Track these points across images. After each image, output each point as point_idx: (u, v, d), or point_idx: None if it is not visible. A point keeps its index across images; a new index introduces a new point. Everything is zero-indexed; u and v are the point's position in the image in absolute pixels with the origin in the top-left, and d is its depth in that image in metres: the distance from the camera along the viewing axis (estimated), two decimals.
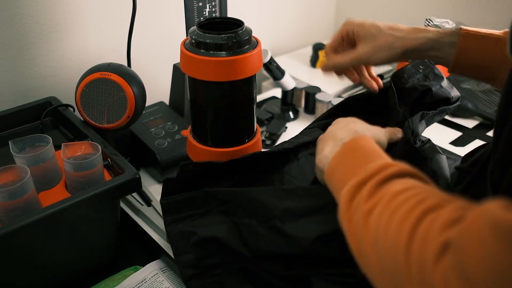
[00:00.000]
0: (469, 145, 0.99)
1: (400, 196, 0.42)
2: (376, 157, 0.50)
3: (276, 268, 0.62)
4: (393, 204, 0.41)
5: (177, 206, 0.67)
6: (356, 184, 0.46)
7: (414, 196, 0.41)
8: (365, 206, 0.44)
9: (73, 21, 0.95)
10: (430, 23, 1.11)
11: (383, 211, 0.42)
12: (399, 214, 0.40)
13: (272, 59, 0.99)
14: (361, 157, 0.51)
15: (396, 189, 0.43)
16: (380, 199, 0.43)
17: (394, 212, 0.41)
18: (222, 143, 0.74)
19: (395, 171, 0.46)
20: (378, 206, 0.43)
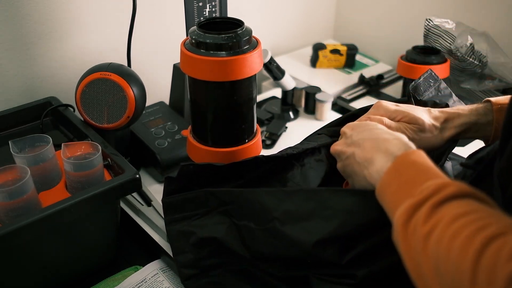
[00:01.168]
0: (469, 145, 0.99)
1: (460, 219, 0.41)
2: (432, 175, 0.48)
3: (275, 269, 0.62)
4: (453, 228, 0.40)
5: (177, 206, 0.67)
6: (413, 206, 0.45)
7: (475, 221, 0.40)
8: (423, 229, 0.42)
9: (73, 21, 0.95)
10: (430, 23, 1.11)
11: (443, 235, 0.40)
12: (461, 239, 0.39)
13: (272, 59, 0.99)
14: (416, 174, 0.49)
15: (454, 212, 0.42)
16: (438, 222, 0.42)
17: (455, 237, 0.39)
18: (222, 143, 0.74)
19: (453, 191, 0.44)
20: (436, 229, 0.41)
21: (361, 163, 0.56)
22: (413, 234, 0.44)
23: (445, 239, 0.40)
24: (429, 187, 0.45)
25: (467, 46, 1.07)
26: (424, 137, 0.64)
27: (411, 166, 0.50)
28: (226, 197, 0.64)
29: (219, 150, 0.74)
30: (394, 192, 0.49)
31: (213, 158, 0.74)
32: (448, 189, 0.44)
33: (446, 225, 0.41)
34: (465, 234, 0.39)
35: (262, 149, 0.81)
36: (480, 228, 0.39)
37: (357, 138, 0.59)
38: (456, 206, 0.42)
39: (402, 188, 0.49)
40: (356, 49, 1.32)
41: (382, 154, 0.54)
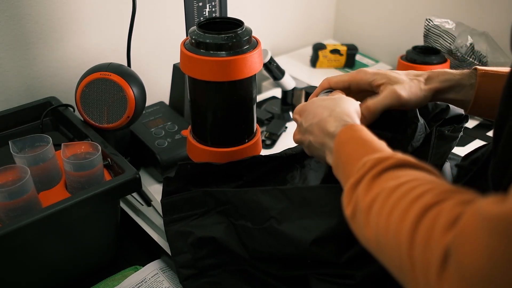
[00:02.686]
0: (469, 145, 0.99)
1: (398, 190, 0.41)
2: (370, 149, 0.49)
3: (273, 269, 0.62)
4: (391, 200, 0.41)
5: (176, 206, 0.67)
6: (353, 184, 0.46)
7: (411, 190, 0.40)
8: (364, 203, 0.43)
9: (73, 21, 0.95)
10: (430, 23, 1.11)
11: (381, 208, 0.41)
12: (399, 211, 0.39)
13: (272, 59, 0.99)
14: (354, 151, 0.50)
15: (392, 183, 0.42)
16: (378, 194, 0.42)
17: (393, 208, 0.40)
18: (222, 143, 0.74)
19: (390, 163, 0.45)
20: (376, 202, 0.42)
21: (320, 149, 0.57)
22: (356, 211, 0.44)
23: (383, 212, 0.40)
24: (367, 162, 0.46)
25: (467, 46, 1.07)
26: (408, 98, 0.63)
27: (348, 143, 0.51)
28: (223, 197, 0.65)
29: (219, 150, 0.74)
30: (341, 173, 0.51)
31: (213, 158, 0.74)
32: (386, 162, 0.45)
33: (384, 198, 0.41)
34: (402, 205, 0.39)
35: (262, 149, 0.81)
36: (417, 196, 0.39)
37: (306, 125, 0.59)
38: (393, 176, 0.43)
39: (345, 166, 0.50)
40: (356, 49, 1.32)
41: (327, 137, 0.55)
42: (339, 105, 0.58)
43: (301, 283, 0.61)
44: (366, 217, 0.43)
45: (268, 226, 0.60)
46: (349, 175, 0.48)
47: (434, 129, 0.70)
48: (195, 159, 0.77)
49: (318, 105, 0.59)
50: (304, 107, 0.62)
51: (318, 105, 0.59)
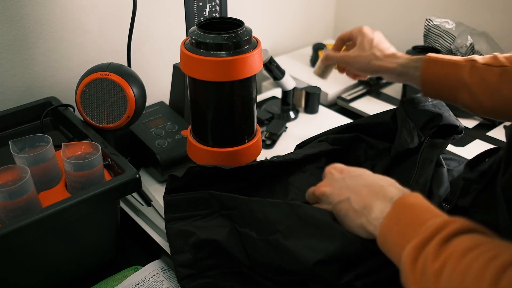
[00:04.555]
0: (469, 145, 0.99)
1: (471, 253, 0.40)
2: (432, 214, 0.48)
3: (272, 273, 0.62)
4: (465, 261, 0.40)
5: (179, 205, 0.67)
6: (419, 244, 0.44)
7: (485, 252, 0.40)
8: (433, 267, 0.42)
9: (73, 21, 0.95)
10: (430, 23, 1.11)
11: (454, 270, 0.40)
12: (474, 270, 0.39)
13: (272, 59, 0.99)
14: (417, 216, 0.49)
15: (463, 246, 0.41)
16: (448, 257, 0.41)
17: (468, 270, 0.39)
18: (222, 143, 0.74)
19: (458, 227, 0.44)
20: (447, 265, 0.41)
21: (358, 211, 0.55)
22: (423, 272, 0.43)
23: (457, 273, 0.39)
24: (433, 224, 0.45)
25: (467, 46, 1.07)
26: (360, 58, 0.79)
27: (411, 208, 0.50)
28: (229, 202, 0.64)
29: (219, 150, 0.74)
30: (397, 235, 0.49)
31: (213, 158, 0.74)
32: (453, 225, 0.44)
33: (457, 259, 0.40)
34: (478, 266, 0.39)
35: (262, 149, 0.81)
36: (492, 258, 0.39)
37: (351, 183, 0.57)
38: (463, 240, 0.42)
39: (405, 230, 0.48)
40: None
41: (380, 201, 0.53)
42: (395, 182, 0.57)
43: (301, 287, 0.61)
44: (436, 280, 0.41)
45: (273, 239, 0.59)
46: (411, 236, 0.46)
47: (427, 137, 0.71)
48: (195, 159, 0.77)
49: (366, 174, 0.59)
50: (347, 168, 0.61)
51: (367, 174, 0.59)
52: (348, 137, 0.78)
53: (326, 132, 0.81)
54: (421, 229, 0.46)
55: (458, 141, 1.00)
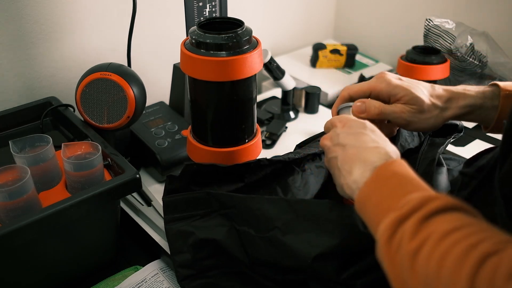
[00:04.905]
0: (469, 145, 0.99)
1: (451, 236, 0.38)
2: (415, 187, 0.46)
3: (272, 272, 0.62)
4: (444, 245, 0.38)
5: (178, 205, 0.67)
6: (396, 220, 0.42)
7: (467, 237, 0.38)
8: (410, 246, 0.40)
9: (73, 21, 0.95)
10: (430, 23, 1.11)
11: (432, 252, 0.38)
12: (453, 257, 0.37)
13: (272, 59, 0.99)
14: (397, 186, 0.47)
15: (444, 227, 0.39)
16: (427, 238, 0.39)
17: (447, 254, 0.37)
18: (222, 143, 0.74)
19: (440, 205, 0.41)
20: (425, 246, 0.39)
21: (341, 170, 0.54)
22: (398, 250, 0.41)
23: (435, 256, 0.38)
24: (413, 199, 0.43)
25: (467, 46, 1.07)
26: (423, 117, 0.63)
27: (392, 177, 0.48)
28: (227, 201, 0.64)
29: (219, 150, 0.74)
30: (375, 205, 0.47)
31: (213, 158, 0.74)
32: (435, 202, 0.42)
33: (436, 242, 0.39)
34: (458, 252, 0.37)
35: (262, 149, 0.81)
36: (473, 244, 0.37)
37: (343, 140, 0.56)
38: (444, 220, 0.40)
39: (384, 200, 0.46)
40: (356, 49, 1.32)
41: (360, 164, 0.52)
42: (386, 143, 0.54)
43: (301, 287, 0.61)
44: (412, 260, 0.39)
45: (272, 236, 0.59)
46: (389, 209, 0.44)
47: (427, 137, 0.71)
48: (195, 159, 0.77)
49: (363, 131, 0.56)
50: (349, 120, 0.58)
51: (364, 131, 0.56)
52: None
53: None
54: (400, 202, 0.44)
55: (458, 141, 1.00)
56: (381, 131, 0.58)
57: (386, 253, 0.43)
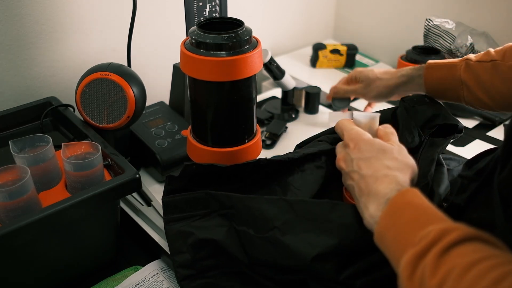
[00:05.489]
0: (469, 145, 0.99)
1: (474, 269, 0.37)
2: (431, 217, 0.46)
3: (272, 272, 0.62)
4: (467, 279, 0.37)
5: (177, 205, 0.67)
6: (416, 255, 0.42)
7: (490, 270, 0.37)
8: (432, 282, 0.39)
9: (73, 21, 0.95)
10: (430, 23, 1.11)
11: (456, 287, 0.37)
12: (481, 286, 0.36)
13: (272, 59, 0.99)
14: (413, 219, 0.47)
15: (465, 261, 0.39)
16: (448, 273, 0.39)
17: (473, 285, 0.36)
18: (222, 143, 0.74)
19: (458, 236, 0.41)
20: (448, 281, 0.38)
21: (359, 201, 0.55)
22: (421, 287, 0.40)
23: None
24: (431, 232, 0.43)
25: (467, 46, 1.07)
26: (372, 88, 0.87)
27: (406, 209, 0.48)
28: (226, 201, 0.64)
29: (219, 150, 0.74)
30: (393, 238, 0.47)
31: (213, 158, 0.74)
32: (453, 234, 0.41)
33: (458, 276, 0.38)
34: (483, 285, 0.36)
35: (262, 149, 0.81)
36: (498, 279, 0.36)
37: (356, 167, 0.57)
38: (464, 252, 0.40)
39: (401, 233, 0.46)
40: (356, 49, 1.32)
41: (374, 198, 0.52)
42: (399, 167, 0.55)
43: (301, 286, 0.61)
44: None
45: (271, 236, 0.59)
46: (408, 244, 0.44)
47: (427, 136, 0.71)
48: (195, 159, 0.77)
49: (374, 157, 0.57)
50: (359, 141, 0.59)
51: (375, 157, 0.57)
52: None
53: (326, 131, 0.81)
54: (417, 236, 0.44)
55: (458, 141, 1.00)
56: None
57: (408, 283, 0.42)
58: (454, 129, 0.74)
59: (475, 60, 0.73)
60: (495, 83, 0.70)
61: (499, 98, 0.71)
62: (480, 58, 0.73)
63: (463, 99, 0.75)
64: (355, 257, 0.56)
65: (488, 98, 0.72)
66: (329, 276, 0.57)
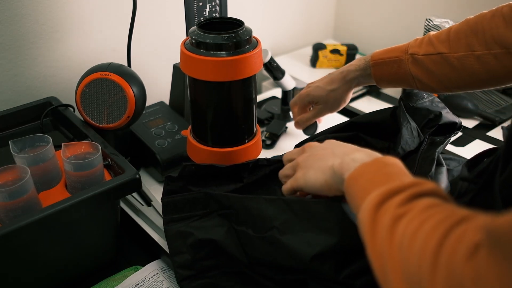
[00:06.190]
0: (469, 145, 0.99)
1: (433, 208, 0.41)
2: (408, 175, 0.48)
3: (271, 272, 0.62)
4: (425, 214, 0.40)
5: (177, 206, 0.67)
6: (389, 191, 0.44)
7: (446, 210, 0.40)
8: (395, 212, 0.42)
9: (73, 21, 0.95)
10: (430, 23, 1.11)
11: (413, 218, 0.40)
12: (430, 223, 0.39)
13: (272, 59, 0.99)
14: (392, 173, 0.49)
15: (429, 202, 0.42)
16: (412, 208, 0.42)
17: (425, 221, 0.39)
18: (222, 143, 0.74)
19: (429, 188, 0.44)
20: (408, 213, 0.41)
21: (337, 154, 0.56)
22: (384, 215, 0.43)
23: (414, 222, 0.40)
24: (405, 180, 0.45)
25: None
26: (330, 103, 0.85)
27: (389, 166, 0.50)
28: (225, 201, 0.64)
29: (219, 150, 0.74)
30: (369, 179, 0.49)
31: (213, 158, 0.74)
32: (426, 185, 0.44)
33: (418, 211, 0.41)
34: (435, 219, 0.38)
35: (262, 149, 0.81)
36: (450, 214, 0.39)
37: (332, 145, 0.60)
38: (430, 199, 0.43)
39: (379, 177, 0.48)
40: (356, 49, 1.32)
41: (363, 152, 0.54)
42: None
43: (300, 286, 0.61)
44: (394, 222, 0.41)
45: (270, 236, 0.59)
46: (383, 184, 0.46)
47: (427, 136, 0.71)
48: (195, 159, 0.77)
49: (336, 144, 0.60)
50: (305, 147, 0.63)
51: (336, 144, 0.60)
52: (346, 136, 0.78)
53: (325, 131, 0.81)
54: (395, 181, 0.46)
55: (458, 141, 1.00)
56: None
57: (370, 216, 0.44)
58: (453, 127, 0.74)
59: (421, 53, 0.73)
60: (447, 73, 0.72)
61: (452, 84, 0.73)
62: (426, 51, 0.73)
63: (415, 88, 0.77)
64: (354, 256, 0.56)
65: (440, 86, 0.74)
66: (328, 276, 0.56)
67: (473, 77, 0.70)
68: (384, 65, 0.78)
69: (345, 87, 0.84)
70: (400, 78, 0.77)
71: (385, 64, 0.78)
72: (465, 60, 0.70)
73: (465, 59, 0.70)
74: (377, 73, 0.79)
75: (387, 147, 0.76)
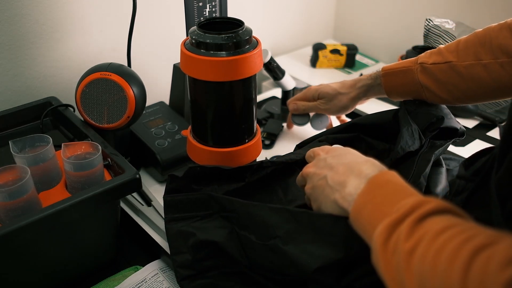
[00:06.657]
0: (469, 145, 0.99)
1: (444, 234, 0.39)
2: (408, 193, 0.48)
3: (271, 273, 0.62)
4: (438, 242, 0.39)
5: (179, 205, 0.67)
6: (391, 223, 0.44)
7: (460, 234, 0.39)
8: (405, 246, 0.41)
9: (73, 21, 0.95)
10: (430, 23, 1.11)
11: (427, 250, 0.39)
12: (447, 253, 0.38)
13: (272, 59, 0.99)
14: (391, 193, 0.48)
15: (438, 226, 0.41)
16: (421, 238, 0.41)
17: (441, 251, 0.38)
18: (222, 143, 0.74)
19: (432, 207, 0.43)
20: (420, 245, 0.40)
21: (333, 187, 0.55)
22: (394, 252, 0.42)
23: (430, 254, 0.39)
24: (407, 204, 0.45)
25: None
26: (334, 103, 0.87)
27: (385, 186, 0.50)
28: (228, 205, 0.64)
29: (219, 150, 0.74)
30: (370, 213, 0.48)
31: (213, 158, 0.74)
32: (427, 205, 0.43)
33: (430, 239, 0.40)
34: (451, 247, 0.38)
35: (262, 149, 0.81)
36: (466, 239, 0.38)
37: (330, 162, 0.58)
38: (437, 221, 0.42)
39: (378, 208, 0.48)
40: (356, 49, 1.32)
41: (355, 177, 0.53)
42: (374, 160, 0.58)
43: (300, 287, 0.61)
44: (408, 260, 0.40)
45: (272, 244, 0.59)
46: (384, 215, 0.46)
47: (428, 140, 0.71)
48: (195, 159, 0.77)
49: (349, 152, 0.60)
50: (332, 148, 0.63)
51: (349, 152, 0.60)
52: (348, 137, 0.78)
53: (326, 132, 0.81)
54: (394, 207, 0.45)
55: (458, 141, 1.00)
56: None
57: (382, 256, 0.43)
58: (455, 132, 0.74)
59: (430, 62, 0.74)
60: (455, 82, 0.73)
61: (460, 94, 0.73)
62: (434, 60, 0.74)
63: (426, 99, 0.77)
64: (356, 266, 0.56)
65: (449, 96, 0.74)
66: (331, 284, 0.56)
67: (481, 86, 0.71)
68: (394, 75, 0.79)
69: (354, 94, 0.85)
70: (409, 87, 0.77)
71: (395, 74, 0.79)
72: (473, 68, 0.71)
73: (472, 68, 0.71)
74: (387, 83, 0.80)
75: (388, 149, 0.76)
